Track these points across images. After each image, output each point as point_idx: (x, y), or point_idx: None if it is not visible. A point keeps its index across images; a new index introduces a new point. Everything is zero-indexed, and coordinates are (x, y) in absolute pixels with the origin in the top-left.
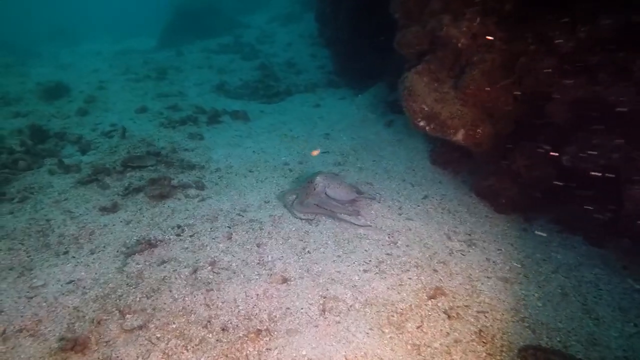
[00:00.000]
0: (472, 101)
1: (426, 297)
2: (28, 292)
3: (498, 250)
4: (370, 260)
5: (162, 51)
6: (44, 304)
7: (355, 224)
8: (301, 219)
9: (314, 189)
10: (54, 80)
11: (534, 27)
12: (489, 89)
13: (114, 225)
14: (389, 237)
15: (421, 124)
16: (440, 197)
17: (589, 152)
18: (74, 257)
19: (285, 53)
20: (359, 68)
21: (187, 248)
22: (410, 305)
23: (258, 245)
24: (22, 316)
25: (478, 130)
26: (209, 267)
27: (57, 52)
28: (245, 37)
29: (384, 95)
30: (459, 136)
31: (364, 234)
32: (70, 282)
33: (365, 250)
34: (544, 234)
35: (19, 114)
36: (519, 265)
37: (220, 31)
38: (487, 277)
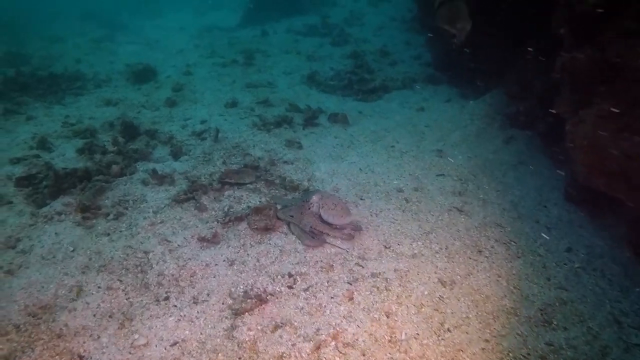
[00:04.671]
0: None
1: None
2: (130, 353)
3: None
4: (529, 354)
5: (246, 29)
6: None
7: (341, 248)
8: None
9: (309, 209)
10: (142, 63)
11: None
12: None
13: (216, 265)
14: (541, 314)
15: (598, 180)
16: (587, 250)
17: None
18: (175, 305)
19: (377, 39)
20: (468, 66)
21: (302, 308)
22: None
23: (387, 315)
24: None
25: None
26: (333, 343)
27: (142, 24)
28: (332, 18)
29: (501, 105)
30: None
31: (511, 308)
32: (175, 343)
33: (518, 335)
34: None
35: (110, 102)
36: None
37: (305, 8)
38: None
